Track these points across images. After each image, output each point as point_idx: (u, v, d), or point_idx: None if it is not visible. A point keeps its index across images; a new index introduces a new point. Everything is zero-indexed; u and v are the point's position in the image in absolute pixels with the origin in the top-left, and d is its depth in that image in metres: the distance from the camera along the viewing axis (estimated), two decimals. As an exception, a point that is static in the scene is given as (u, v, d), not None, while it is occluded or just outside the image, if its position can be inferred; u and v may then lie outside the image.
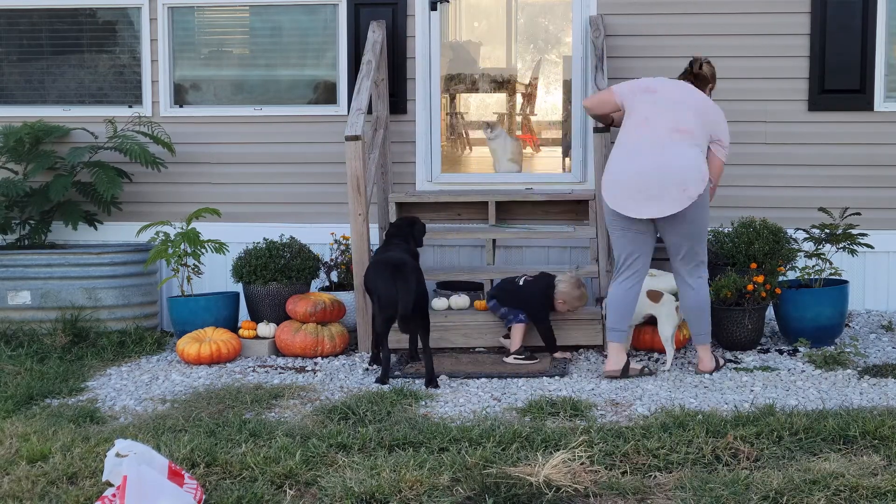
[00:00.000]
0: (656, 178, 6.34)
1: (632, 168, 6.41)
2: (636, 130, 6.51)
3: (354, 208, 7.27)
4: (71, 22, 8.85)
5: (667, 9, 8.18)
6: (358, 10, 8.37)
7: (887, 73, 8.05)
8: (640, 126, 6.50)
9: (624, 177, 6.42)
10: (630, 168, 6.42)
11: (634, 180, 6.38)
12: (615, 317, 6.58)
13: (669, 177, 6.33)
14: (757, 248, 7.26)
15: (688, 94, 6.57)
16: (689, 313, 6.64)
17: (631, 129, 6.54)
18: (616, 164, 6.50)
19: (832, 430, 5.20)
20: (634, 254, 6.52)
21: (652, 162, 6.37)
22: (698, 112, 6.49)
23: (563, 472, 4.73)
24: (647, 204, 6.35)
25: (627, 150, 6.49)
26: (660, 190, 6.32)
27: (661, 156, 6.38)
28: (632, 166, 6.42)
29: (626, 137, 6.53)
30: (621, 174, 6.44)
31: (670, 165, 6.35)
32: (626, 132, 6.55)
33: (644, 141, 6.45)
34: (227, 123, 8.65)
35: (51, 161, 8.27)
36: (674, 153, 6.37)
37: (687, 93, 6.58)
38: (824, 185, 8.08)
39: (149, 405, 6.23)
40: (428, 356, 6.50)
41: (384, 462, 4.92)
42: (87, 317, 7.75)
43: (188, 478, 4.61)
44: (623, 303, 6.57)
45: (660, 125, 6.45)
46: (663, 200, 6.33)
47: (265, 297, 7.60)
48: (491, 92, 12.16)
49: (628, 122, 6.55)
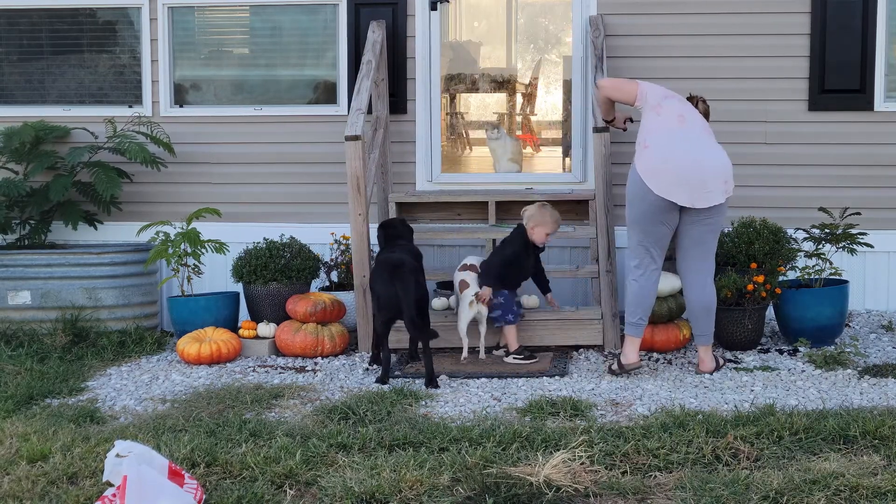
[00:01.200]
0: (706, 170, 6.44)
1: (681, 158, 6.46)
2: (673, 125, 6.59)
3: (354, 208, 7.27)
4: (71, 22, 8.84)
5: (667, 8, 8.18)
6: (358, 9, 8.37)
7: (887, 73, 8.05)
8: (677, 122, 6.60)
9: (671, 165, 6.44)
10: (679, 158, 6.46)
11: (685, 170, 6.42)
12: (639, 311, 6.60)
13: (715, 169, 6.46)
14: (757, 248, 7.27)
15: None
16: (697, 313, 6.63)
17: (665, 123, 6.59)
18: (661, 153, 6.48)
19: (832, 430, 5.20)
20: (659, 247, 6.57)
21: (700, 154, 6.48)
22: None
23: (564, 471, 4.73)
24: (697, 194, 6.41)
25: (670, 141, 6.52)
26: (707, 181, 6.42)
27: (706, 149, 6.52)
28: (680, 157, 6.46)
29: (662, 131, 6.56)
30: (669, 163, 6.45)
31: (715, 158, 6.50)
32: (659, 126, 6.58)
33: (686, 135, 6.54)
34: (228, 123, 8.65)
35: (51, 161, 8.27)
36: (715, 149, 6.55)
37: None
38: (824, 185, 8.08)
39: (149, 405, 6.23)
40: (428, 356, 6.50)
41: (384, 462, 4.92)
42: (87, 317, 7.75)
43: (188, 478, 4.61)
44: (646, 296, 6.59)
45: (696, 123, 6.60)
46: (711, 192, 6.42)
47: (265, 296, 7.60)
48: (491, 92, 12.16)
49: (658, 119, 6.58)
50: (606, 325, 7.21)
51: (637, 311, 6.59)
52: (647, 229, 6.51)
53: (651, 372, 6.68)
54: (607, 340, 7.22)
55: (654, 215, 6.45)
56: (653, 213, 6.45)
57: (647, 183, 6.41)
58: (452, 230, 7.94)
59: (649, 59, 8.13)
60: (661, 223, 6.48)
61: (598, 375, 6.62)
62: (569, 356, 7.09)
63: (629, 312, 6.62)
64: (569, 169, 8.83)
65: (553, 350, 7.19)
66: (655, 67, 8.13)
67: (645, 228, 6.51)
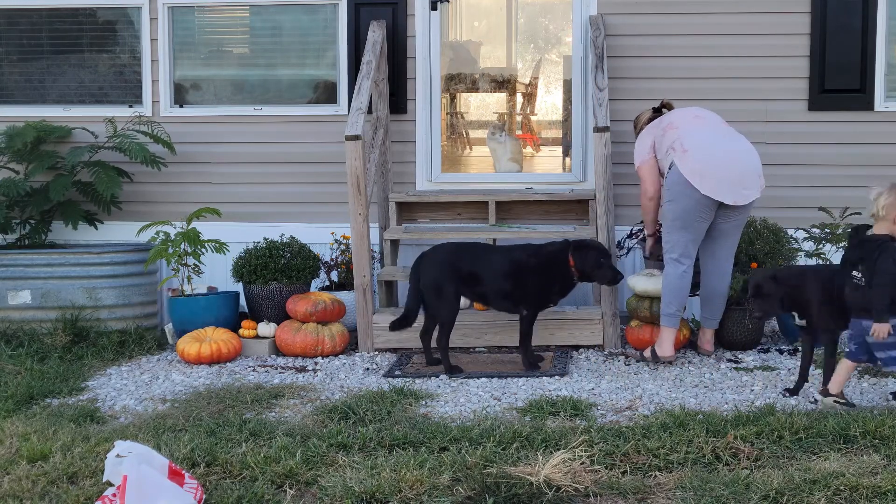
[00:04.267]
0: (745, 166, 6.61)
1: (721, 158, 6.61)
2: (696, 124, 6.74)
3: (355, 208, 7.27)
4: (71, 22, 8.84)
5: (667, 8, 8.18)
6: (358, 9, 8.37)
7: (887, 73, 8.05)
8: (697, 122, 6.76)
9: (713, 167, 6.56)
10: (720, 158, 6.61)
11: (727, 167, 6.58)
12: (676, 303, 6.71)
13: (752, 165, 6.64)
14: (757, 248, 7.27)
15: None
16: (712, 298, 6.87)
17: (691, 126, 6.73)
18: (702, 155, 6.59)
19: (832, 430, 5.20)
20: (698, 242, 6.72)
21: (735, 147, 6.67)
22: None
23: (564, 471, 4.73)
24: (740, 190, 6.58)
25: (708, 142, 6.65)
26: (745, 178, 6.59)
27: (736, 142, 6.70)
28: (721, 157, 6.61)
29: (693, 134, 6.69)
30: (711, 165, 6.57)
31: (748, 152, 6.69)
32: (687, 131, 6.70)
33: (711, 131, 6.73)
34: (228, 123, 8.64)
35: (52, 161, 8.27)
36: (741, 140, 6.73)
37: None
38: (824, 185, 8.07)
39: (149, 405, 6.23)
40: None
41: (384, 462, 4.92)
42: (87, 316, 7.75)
43: (188, 477, 4.61)
44: (683, 289, 6.72)
45: (712, 119, 6.82)
46: (749, 187, 6.61)
47: (265, 296, 7.60)
48: (491, 91, 12.16)
49: (678, 131, 6.71)
50: (606, 324, 7.22)
51: (674, 301, 6.73)
52: (691, 225, 6.66)
53: (651, 372, 6.68)
54: (607, 340, 7.22)
55: (698, 212, 6.61)
56: (697, 211, 6.61)
57: (694, 183, 6.54)
58: (453, 230, 7.94)
59: (649, 59, 8.13)
60: (704, 219, 6.66)
61: (599, 375, 6.62)
62: (569, 356, 7.09)
63: (666, 303, 6.74)
64: (569, 168, 8.84)
65: (553, 350, 7.19)
66: (655, 67, 8.13)
67: (688, 224, 6.66)
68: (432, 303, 6.79)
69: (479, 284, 6.80)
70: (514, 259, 6.78)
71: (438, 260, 6.82)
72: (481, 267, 6.77)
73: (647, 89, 8.03)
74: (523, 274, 6.72)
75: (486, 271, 6.76)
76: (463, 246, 7.00)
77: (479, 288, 6.82)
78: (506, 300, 6.80)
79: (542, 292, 6.75)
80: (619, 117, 7.81)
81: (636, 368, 6.76)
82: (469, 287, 6.82)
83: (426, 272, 6.80)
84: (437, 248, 6.94)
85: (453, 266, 6.77)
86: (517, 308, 6.77)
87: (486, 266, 6.77)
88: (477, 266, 6.78)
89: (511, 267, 6.74)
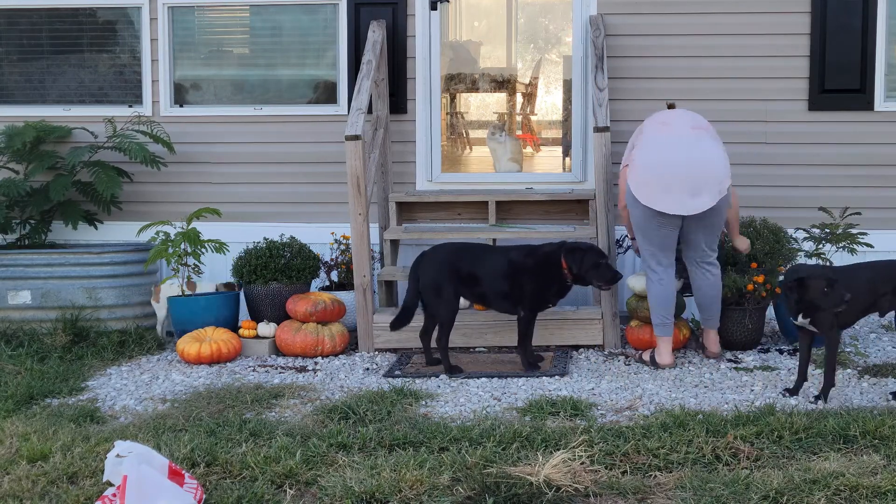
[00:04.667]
0: (693, 172, 6.46)
1: (664, 164, 6.49)
2: (657, 131, 6.66)
3: (355, 208, 7.27)
4: (71, 22, 8.84)
5: (667, 8, 8.18)
6: (358, 9, 8.37)
7: (887, 73, 8.05)
8: (660, 128, 6.66)
9: (654, 174, 6.49)
10: (662, 164, 6.50)
11: (670, 177, 6.45)
12: (664, 312, 6.69)
13: (704, 171, 6.48)
14: (757, 248, 7.26)
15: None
16: (705, 300, 6.82)
17: (651, 134, 6.66)
18: (644, 160, 6.55)
19: (832, 430, 5.21)
20: (668, 248, 6.64)
21: (688, 157, 6.50)
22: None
23: (564, 471, 4.73)
24: (686, 200, 6.43)
25: (653, 148, 6.58)
26: (698, 185, 6.44)
27: (693, 150, 6.52)
28: (664, 162, 6.50)
29: (648, 140, 6.63)
30: (653, 169, 6.50)
31: (704, 159, 6.51)
32: (647, 138, 6.66)
33: (670, 139, 6.60)
34: (228, 123, 8.65)
35: (52, 161, 8.27)
36: (702, 147, 6.54)
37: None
38: (824, 185, 8.08)
39: (149, 405, 6.23)
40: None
41: (384, 462, 4.92)
42: (87, 316, 7.75)
43: (188, 477, 4.61)
44: (668, 298, 6.69)
45: (679, 125, 6.66)
46: (702, 196, 6.45)
47: (265, 296, 7.60)
48: (491, 91, 12.16)
49: (645, 135, 6.66)
50: (606, 324, 7.22)
51: (659, 311, 6.70)
52: (649, 235, 6.60)
53: (651, 372, 6.68)
54: (607, 340, 7.22)
55: (651, 222, 6.54)
56: (648, 221, 6.55)
57: (636, 195, 6.51)
58: (453, 230, 7.94)
59: (649, 59, 8.14)
60: (662, 227, 6.55)
61: (599, 375, 6.62)
62: (569, 356, 7.09)
63: (653, 315, 6.74)
64: (569, 168, 8.84)
65: (553, 349, 7.19)
66: (655, 67, 8.13)
67: (646, 234, 6.61)
68: (432, 303, 6.79)
69: (477, 285, 6.80)
70: (511, 260, 6.78)
71: (438, 260, 6.82)
72: (480, 267, 6.78)
73: (647, 89, 8.04)
74: (520, 275, 6.72)
75: (484, 272, 6.77)
76: (462, 246, 7.00)
77: (477, 288, 6.82)
78: (504, 301, 6.80)
79: (539, 293, 6.75)
80: (619, 117, 7.81)
81: (636, 368, 6.77)
82: (468, 287, 6.83)
83: (426, 272, 6.80)
84: (437, 249, 6.94)
85: (453, 266, 6.78)
86: (515, 309, 6.77)
87: (484, 267, 6.77)
88: (476, 266, 6.78)
89: (508, 268, 6.75)
